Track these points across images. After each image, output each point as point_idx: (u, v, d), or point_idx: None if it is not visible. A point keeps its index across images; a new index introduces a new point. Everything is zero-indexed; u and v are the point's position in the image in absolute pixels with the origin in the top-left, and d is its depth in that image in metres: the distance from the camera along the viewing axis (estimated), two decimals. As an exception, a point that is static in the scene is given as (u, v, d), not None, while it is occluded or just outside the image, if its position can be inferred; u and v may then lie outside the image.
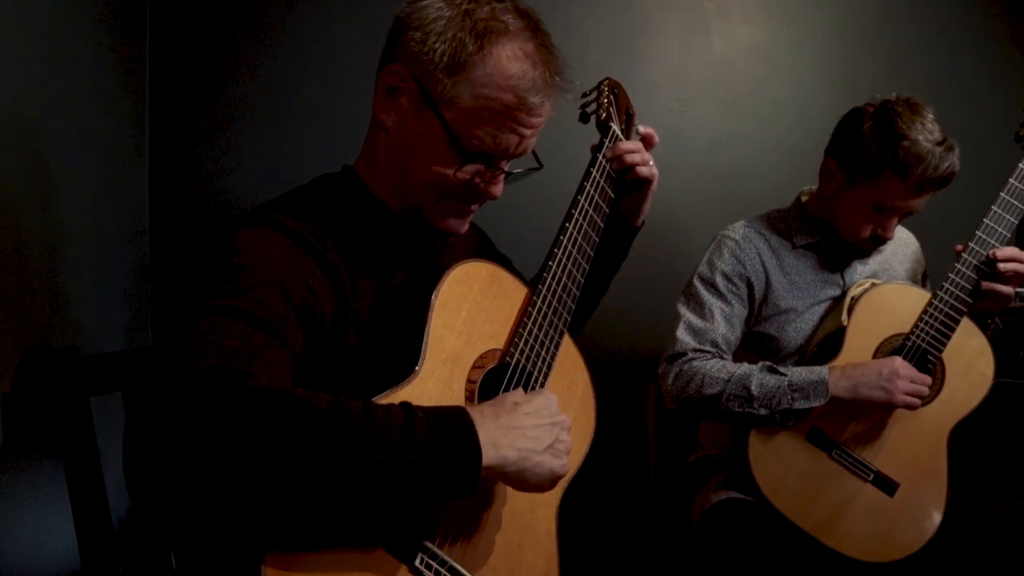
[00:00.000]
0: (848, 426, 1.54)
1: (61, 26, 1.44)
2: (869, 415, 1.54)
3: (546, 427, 0.94)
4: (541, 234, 1.38)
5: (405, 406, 0.85)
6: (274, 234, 0.97)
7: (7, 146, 1.21)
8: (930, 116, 1.50)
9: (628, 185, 1.28)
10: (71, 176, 1.47)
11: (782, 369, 1.52)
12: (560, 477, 0.95)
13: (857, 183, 1.55)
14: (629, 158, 1.23)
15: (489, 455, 0.86)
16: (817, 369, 1.51)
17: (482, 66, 1.00)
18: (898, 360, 1.50)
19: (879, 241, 1.59)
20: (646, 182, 1.28)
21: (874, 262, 1.71)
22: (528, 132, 1.04)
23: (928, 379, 1.51)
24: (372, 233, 1.08)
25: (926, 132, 1.48)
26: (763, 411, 1.50)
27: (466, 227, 1.13)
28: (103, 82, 1.67)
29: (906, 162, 1.47)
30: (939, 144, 1.47)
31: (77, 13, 1.52)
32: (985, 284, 1.52)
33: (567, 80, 1.06)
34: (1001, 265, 1.50)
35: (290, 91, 2.00)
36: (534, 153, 1.11)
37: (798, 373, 1.51)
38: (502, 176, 1.07)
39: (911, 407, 1.49)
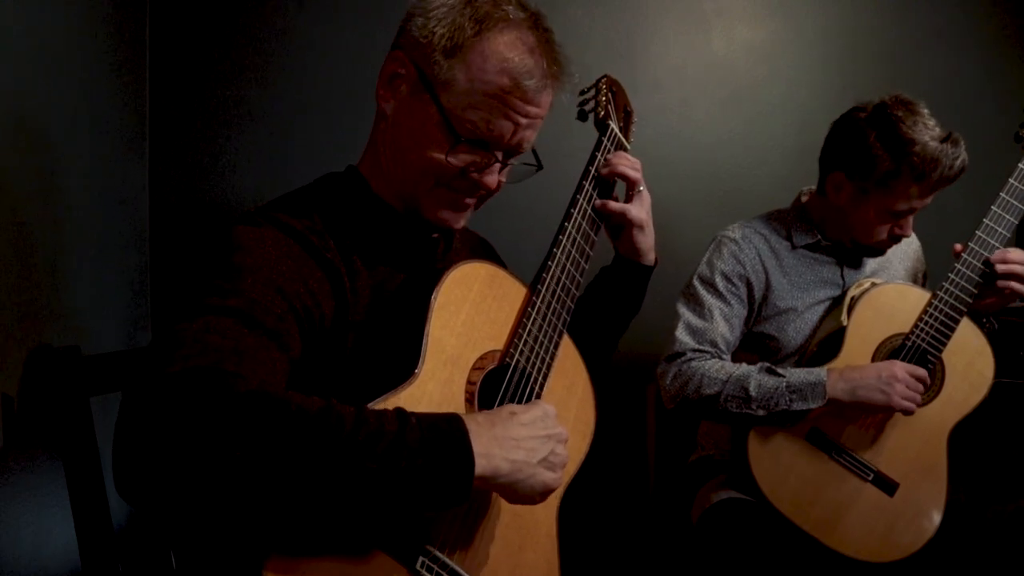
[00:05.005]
0: (848, 426, 1.54)
1: (61, 26, 1.44)
2: (869, 415, 1.54)
3: (541, 439, 0.92)
4: (539, 234, 1.38)
5: (399, 412, 0.84)
6: (275, 233, 0.97)
7: (7, 146, 1.21)
8: (926, 112, 1.51)
9: (618, 226, 1.26)
10: (71, 176, 1.47)
11: (780, 370, 1.52)
12: (552, 490, 0.94)
13: (870, 193, 1.54)
14: (619, 170, 1.20)
15: (481, 466, 0.85)
16: (816, 371, 1.51)
17: (479, 50, 1.01)
18: (897, 364, 1.50)
19: (896, 239, 1.60)
20: (631, 224, 1.23)
21: (874, 261, 1.71)
22: (523, 121, 1.03)
23: (926, 376, 1.51)
24: (374, 233, 1.08)
25: (930, 131, 1.48)
26: (761, 412, 1.50)
27: (462, 223, 1.12)
28: (103, 82, 1.67)
29: (923, 168, 1.47)
30: (945, 141, 1.48)
31: (76, 13, 1.52)
32: (1001, 281, 1.51)
33: (568, 74, 1.06)
34: (1000, 267, 1.51)
35: (290, 91, 2.00)
36: (534, 152, 1.10)
37: (796, 374, 1.51)
38: (497, 167, 1.06)
39: (908, 412, 1.49)
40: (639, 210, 1.23)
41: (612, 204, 1.21)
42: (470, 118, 1.02)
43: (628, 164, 1.21)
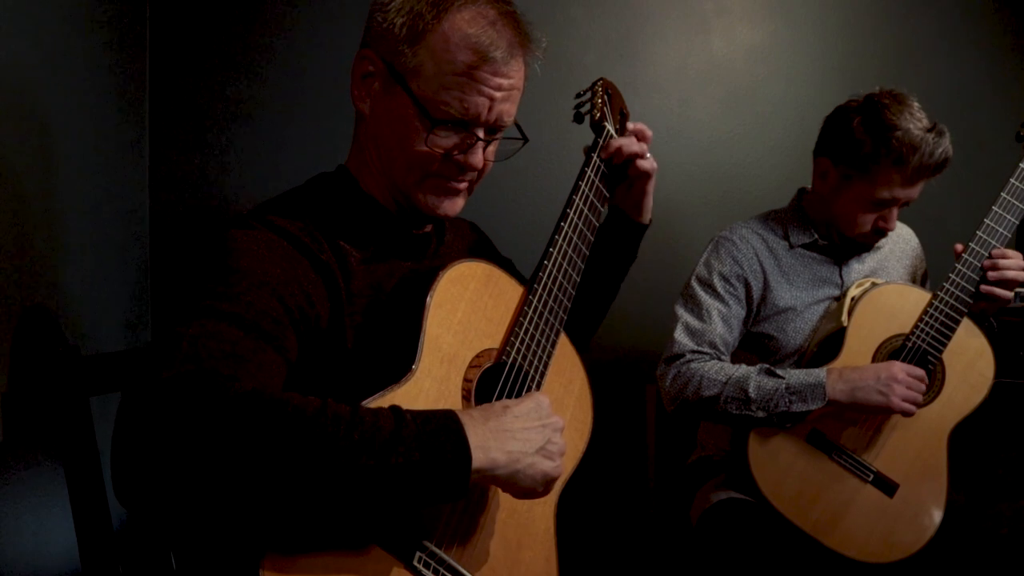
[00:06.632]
0: (848, 428, 1.54)
1: (61, 26, 1.44)
2: (869, 417, 1.54)
3: (536, 429, 0.93)
4: (537, 234, 1.38)
5: (394, 410, 0.84)
6: (269, 236, 0.97)
7: (7, 146, 1.21)
8: (915, 104, 1.52)
9: (627, 181, 1.26)
10: (72, 176, 1.47)
11: (780, 372, 1.52)
12: (553, 479, 0.94)
13: (853, 179, 1.55)
14: (628, 149, 1.21)
15: (478, 458, 0.85)
16: (815, 372, 1.51)
17: (440, 31, 1.00)
18: (897, 365, 1.49)
19: (881, 233, 1.60)
20: (645, 175, 1.25)
21: (872, 260, 1.70)
22: (497, 94, 1.02)
23: (924, 375, 1.51)
24: (366, 232, 1.08)
25: (915, 120, 1.49)
26: (761, 413, 1.50)
27: (458, 208, 1.11)
28: (103, 82, 1.68)
29: (901, 152, 1.48)
30: (930, 131, 1.49)
31: (77, 13, 1.52)
32: (984, 287, 1.52)
33: (535, 42, 1.05)
34: (991, 274, 1.51)
35: (290, 91, 2.01)
36: (518, 127, 1.10)
37: (796, 376, 1.51)
38: (480, 145, 1.05)
39: (908, 413, 1.49)
40: (653, 161, 1.24)
41: (640, 160, 1.21)
42: (443, 99, 1.01)
43: (636, 147, 1.22)
